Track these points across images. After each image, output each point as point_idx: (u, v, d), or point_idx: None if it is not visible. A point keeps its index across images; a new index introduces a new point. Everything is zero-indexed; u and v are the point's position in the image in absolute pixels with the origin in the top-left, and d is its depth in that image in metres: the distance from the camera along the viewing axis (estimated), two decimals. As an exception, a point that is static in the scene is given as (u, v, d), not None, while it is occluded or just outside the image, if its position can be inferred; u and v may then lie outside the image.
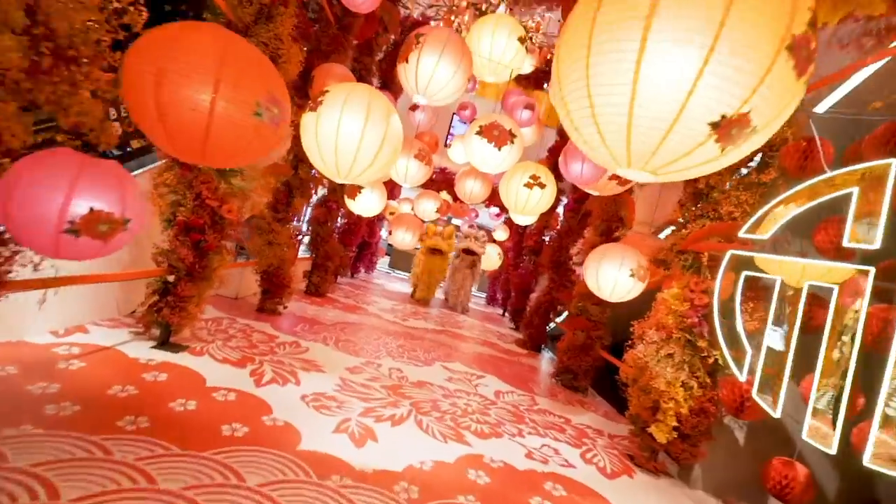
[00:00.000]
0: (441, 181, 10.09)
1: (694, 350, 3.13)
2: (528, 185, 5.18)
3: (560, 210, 9.41)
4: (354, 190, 5.76)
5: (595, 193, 4.12)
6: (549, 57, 8.07)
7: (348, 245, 8.99)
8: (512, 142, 4.14)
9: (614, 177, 3.77)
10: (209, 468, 1.95)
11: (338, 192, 6.66)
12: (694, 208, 3.31)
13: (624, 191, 4.33)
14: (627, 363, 3.45)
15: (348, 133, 2.87)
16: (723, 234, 3.15)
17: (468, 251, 9.16)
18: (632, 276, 3.41)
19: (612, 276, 3.45)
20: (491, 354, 6.09)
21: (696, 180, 3.31)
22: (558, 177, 5.00)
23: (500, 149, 4.18)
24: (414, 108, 5.88)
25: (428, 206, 7.39)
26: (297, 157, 4.98)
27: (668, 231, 5.65)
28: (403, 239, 8.37)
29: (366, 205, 5.76)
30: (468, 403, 3.76)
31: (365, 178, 3.14)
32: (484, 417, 3.53)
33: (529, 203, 5.32)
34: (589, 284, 3.75)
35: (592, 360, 5.02)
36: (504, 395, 4.33)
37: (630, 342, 3.53)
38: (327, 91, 2.95)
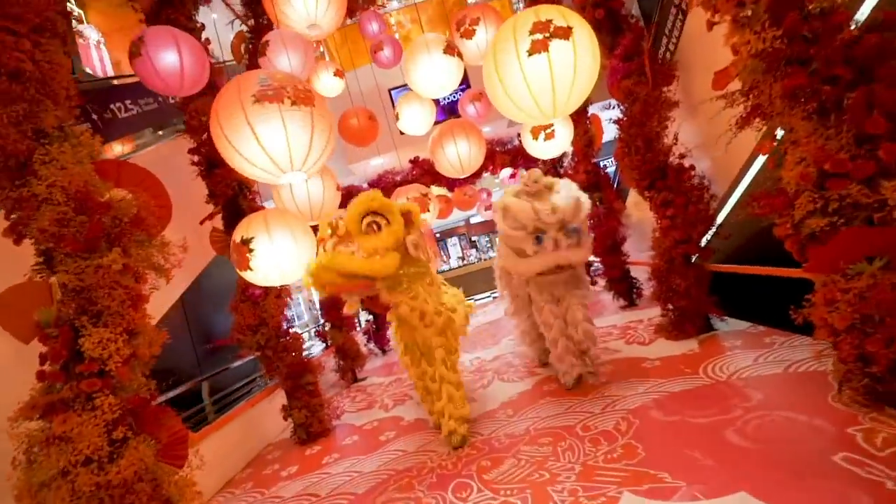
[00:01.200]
0: (419, 176, 7.10)
1: None
2: (538, 47, 2.19)
3: (597, 110, 6.16)
4: (242, 255, 2.85)
5: None
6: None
7: (347, 326, 6.11)
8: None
9: None
10: None
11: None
12: None
13: None
14: None
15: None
16: None
17: (560, 268, 3.32)
18: None
19: None
20: (664, 394, 2.91)
21: None
22: None
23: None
24: (264, 49, 2.97)
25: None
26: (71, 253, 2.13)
27: None
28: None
29: (273, 266, 2.84)
30: None
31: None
32: None
33: (559, 77, 2.25)
34: None
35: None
36: None
37: None
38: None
